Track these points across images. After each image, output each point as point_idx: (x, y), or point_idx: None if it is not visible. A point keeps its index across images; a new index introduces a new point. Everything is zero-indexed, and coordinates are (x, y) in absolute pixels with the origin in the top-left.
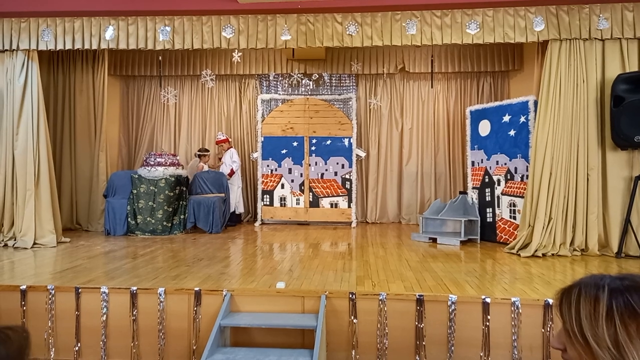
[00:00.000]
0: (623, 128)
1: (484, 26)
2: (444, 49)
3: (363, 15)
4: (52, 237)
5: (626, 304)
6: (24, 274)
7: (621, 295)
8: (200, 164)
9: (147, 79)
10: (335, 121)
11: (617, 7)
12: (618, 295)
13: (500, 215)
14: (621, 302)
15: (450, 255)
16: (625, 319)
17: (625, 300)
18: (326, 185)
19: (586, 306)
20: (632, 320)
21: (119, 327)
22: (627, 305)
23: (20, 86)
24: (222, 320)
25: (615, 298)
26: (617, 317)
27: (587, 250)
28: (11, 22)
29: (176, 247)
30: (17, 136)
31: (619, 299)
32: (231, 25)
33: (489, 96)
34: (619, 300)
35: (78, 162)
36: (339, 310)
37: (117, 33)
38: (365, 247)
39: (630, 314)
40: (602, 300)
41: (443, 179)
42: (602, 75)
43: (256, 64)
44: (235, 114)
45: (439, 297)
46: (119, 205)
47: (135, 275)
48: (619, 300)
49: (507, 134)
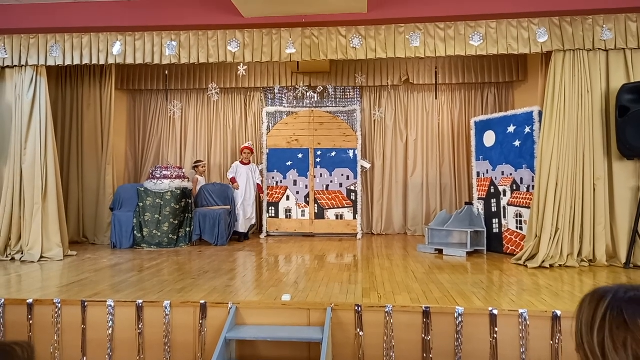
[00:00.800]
0: (629, 138)
1: (488, 38)
2: (447, 61)
3: (367, 28)
4: (59, 251)
5: (618, 315)
6: (30, 288)
7: (617, 306)
8: (196, 176)
9: (154, 92)
10: (340, 133)
11: (620, 18)
12: (615, 305)
13: (507, 226)
14: (615, 312)
15: (456, 266)
16: (614, 329)
17: (618, 312)
18: (331, 197)
19: (586, 313)
20: (620, 331)
21: (125, 341)
22: (619, 316)
23: (29, 101)
24: (227, 333)
25: (612, 308)
26: (607, 327)
27: (595, 261)
28: (20, 39)
29: (182, 260)
30: (25, 150)
31: (614, 309)
32: (236, 40)
33: (494, 107)
34: (614, 311)
35: (85, 175)
36: (345, 322)
37: (125, 48)
38: (371, 258)
39: (619, 325)
40: (600, 309)
41: (448, 190)
42: (606, 86)
43: (261, 77)
44: (241, 127)
45: (446, 309)
46: (125, 218)
47: (141, 289)
48: (614, 310)
49: (512, 144)
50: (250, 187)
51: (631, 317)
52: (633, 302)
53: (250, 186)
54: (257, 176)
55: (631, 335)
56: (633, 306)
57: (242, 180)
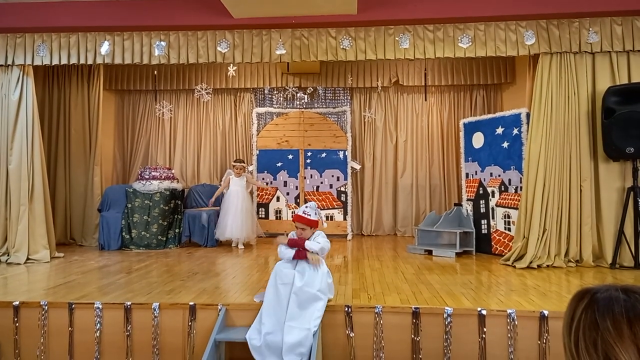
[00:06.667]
0: (614, 140)
1: (476, 40)
2: (437, 63)
3: (357, 30)
4: (45, 253)
5: (591, 315)
6: (16, 290)
7: (591, 306)
8: (229, 177)
9: (142, 93)
10: (330, 134)
11: (606, 21)
12: (589, 306)
13: (495, 227)
14: (589, 313)
15: (445, 267)
16: (586, 330)
17: (591, 312)
18: (321, 198)
19: (566, 313)
20: (591, 332)
21: (113, 343)
22: (592, 316)
23: (15, 101)
24: (217, 335)
25: (586, 309)
26: (580, 327)
27: (582, 262)
28: (6, 38)
29: (171, 262)
30: (11, 151)
31: (588, 310)
32: (226, 40)
33: (482, 109)
34: (587, 311)
35: (72, 176)
36: (335, 323)
37: (113, 48)
38: (360, 259)
39: (590, 325)
40: (578, 309)
41: (438, 191)
42: (592, 88)
43: (251, 77)
44: (231, 128)
45: (435, 310)
46: (113, 220)
47: (130, 290)
48: (588, 311)
49: (501, 146)
50: (242, 200)
51: (601, 317)
52: (606, 302)
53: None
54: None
55: (601, 336)
56: (605, 306)
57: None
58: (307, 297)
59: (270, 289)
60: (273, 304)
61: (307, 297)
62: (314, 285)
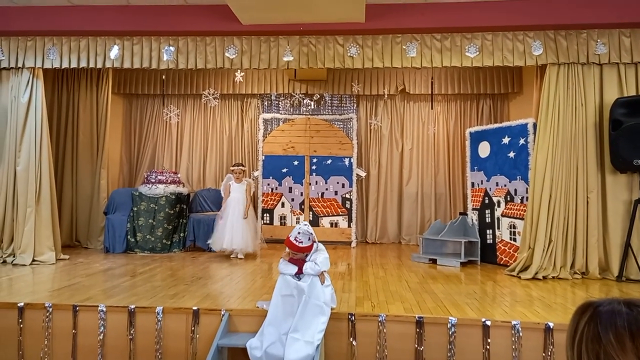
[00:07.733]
0: (622, 151)
1: (483, 49)
2: (444, 71)
3: (364, 38)
4: (51, 254)
5: (593, 328)
6: (21, 291)
7: (594, 319)
8: (228, 182)
9: (150, 97)
10: (336, 141)
11: (614, 33)
12: (592, 319)
13: (501, 237)
14: (591, 326)
15: (450, 276)
16: (589, 343)
17: (594, 325)
18: (326, 205)
19: (570, 325)
20: (594, 345)
21: (116, 347)
22: (594, 329)
23: (25, 103)
24: (220, 341)
25: (589, 322)
26: (583, 340)
27: (588, 274)
28: (17, 41)
29: (175, 266)
30: (19, 153)
31: (591, 323)
32: (234, 46)
33: (489, 118)
34: (590, 324)
35: (79, 178)
36: (338, 331)
37: (122, 52)
38: (365, 267)
39: (593, 338)
40: (581, 322)
41: (443, 200)
42: (600, 99)
43: (258, 83)
44: (237, 133)
45: (439, 319)
46: (118, 223)
47: (134, 294)
48: (590, 324)
49: (507, 155)
50: (243, 208)
51: (604, 330)
52: (609, 316)
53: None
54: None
55: (603, 349)
56: (608, 319)
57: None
58: (313, 308)
59: (274, 299)
60: (277, 315)
61: (313, 309)
62: (320, 297)
